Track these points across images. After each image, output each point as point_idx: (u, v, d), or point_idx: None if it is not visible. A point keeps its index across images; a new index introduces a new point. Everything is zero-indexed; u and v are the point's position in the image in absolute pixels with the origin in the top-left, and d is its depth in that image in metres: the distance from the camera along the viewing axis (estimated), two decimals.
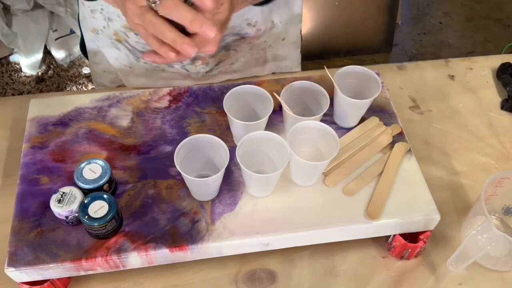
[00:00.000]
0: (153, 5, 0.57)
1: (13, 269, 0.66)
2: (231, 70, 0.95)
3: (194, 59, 0.87)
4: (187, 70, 0.90)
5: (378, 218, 0.71)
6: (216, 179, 0.69)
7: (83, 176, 0.70)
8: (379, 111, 0.84)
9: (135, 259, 0.68)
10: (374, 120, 0.83)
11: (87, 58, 0.99)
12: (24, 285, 0.69)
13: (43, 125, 0.80)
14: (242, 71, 0.96)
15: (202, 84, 0.87)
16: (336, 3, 2.15)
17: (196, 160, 0.73)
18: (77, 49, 2.15)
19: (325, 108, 0.75)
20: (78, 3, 0.88)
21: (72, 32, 2.12)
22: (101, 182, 0.69)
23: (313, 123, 0.74)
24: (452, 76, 1.02)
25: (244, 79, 0.95)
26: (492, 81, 1.01)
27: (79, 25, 0.93)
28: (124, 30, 0.82)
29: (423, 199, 0.74)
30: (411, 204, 0.73)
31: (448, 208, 0.82)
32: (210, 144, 0.71)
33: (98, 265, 0.68)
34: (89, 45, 0.93)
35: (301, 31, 0.98)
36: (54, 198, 0.68)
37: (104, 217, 0.66)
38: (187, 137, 0.70)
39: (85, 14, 0.86)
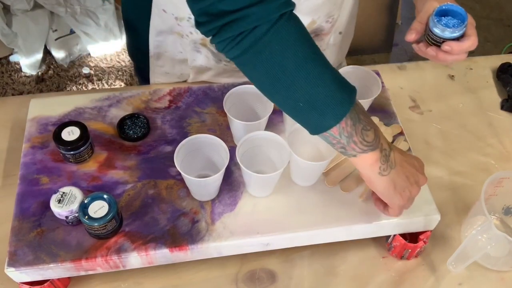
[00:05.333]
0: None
1: (13, 269, 0.66)
2: None
3: None
4: None
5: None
6: (216, 179, 0.69)
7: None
8: (379, 111, 0.84)
9: (135, 259, 0.68)
10: (374, 120, 0.83)
11: (135, 61, 1.00)
12: (24, 285, 0.69)
13: (43, 125, 0.80)
14: None
15: (202, 84, 0.87)
16: None
17: (196, 160, 0.72)
18: (77, 49, 2.15)
19: None
20: (151, 8, 0.84)
21: (72, 32, 2.11)
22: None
23: None
24: (452, 76, 1.02)
25: None
26: (492, 81, 1.01)
27: (134, 28, 0.92)
28: None
29: (423, 199, 0.74)
30: None
31: (448, 208, 0.82)
32: (210, 144, 0.71)
33: (98, 265, 0.68)
34: (154, 50, 0.91)
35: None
36: (54, 198, 0.68)
37: (104, 217, 0.66)
38: (187, 137, 0.70)
39: (167, 21, 0.84)
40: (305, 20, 0.80)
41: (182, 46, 0.88)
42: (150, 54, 0.91)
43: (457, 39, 0.72)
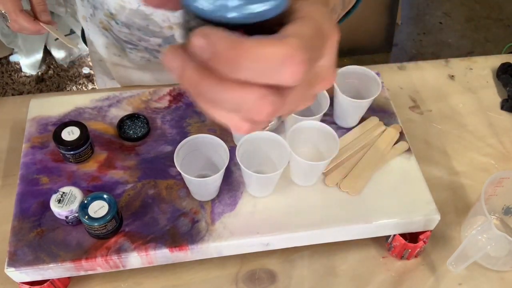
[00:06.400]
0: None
1: (13, 269, 0.66)
2: None
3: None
4: None
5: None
6: (216, 179, 0.69)
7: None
8: (379, 111, 0.84)
9: (135, 259, 0.68)
10: (374, 120, 0.83)
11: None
12: (24, 285, 0.69)
13: (43, 125, 0.80)
14: None
15: None
16: None
17: (196, 160, 0.73)
18: (77, 49, 2.15)
19: (325, 108, 0.75)
20: None
21: (72, 32, 2.11)
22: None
23: (313, 123, 0.74)
24: (452, 76, 1.02)
25: None
26: (492, 81, 1.01)
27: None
28: (107, 18, 0.82)
29: (423, 199, 0.74)
30: (411, 204, 0.73)
31: (448, 208, 0.82)
32: (210, 144, 0.71)
33: (98, 265, 0.68)
34: (86, 34, 0.93)
35: None
36: (54, 198, 0.68)
37: (104, 217, 0.66)
38: (187, 137, 0.70)
39: (77, 2, 0.87)
40: None
41: (90, 30, 0.90)
42: (86, 39, 0.94)
43: (249, 29, 0.28)
